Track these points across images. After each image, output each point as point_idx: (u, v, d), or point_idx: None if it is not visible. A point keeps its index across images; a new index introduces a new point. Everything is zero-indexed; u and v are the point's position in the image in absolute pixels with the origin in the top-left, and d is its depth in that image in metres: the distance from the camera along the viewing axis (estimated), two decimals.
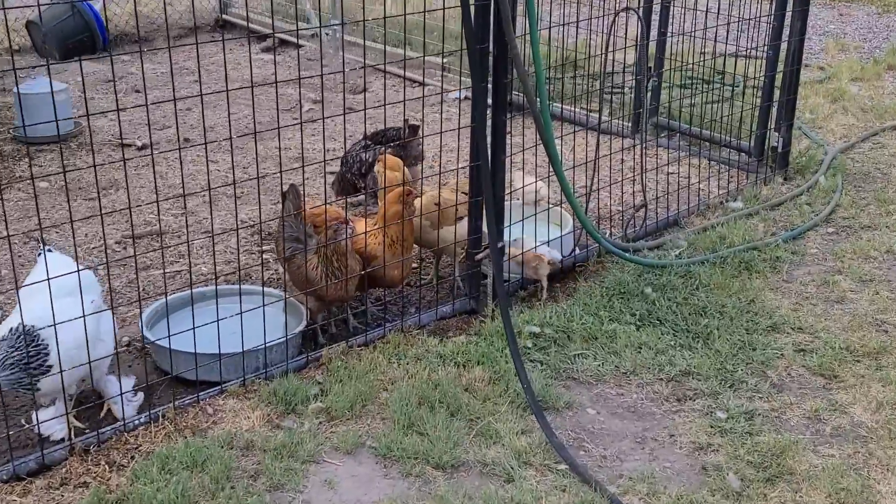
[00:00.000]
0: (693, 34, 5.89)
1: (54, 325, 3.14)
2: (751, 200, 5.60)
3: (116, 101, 3.77)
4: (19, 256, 4.97)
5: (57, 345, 3.19)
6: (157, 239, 5.23)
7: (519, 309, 4.31)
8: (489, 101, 4.00)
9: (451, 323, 4.28)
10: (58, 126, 5.78)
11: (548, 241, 4.53)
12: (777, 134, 6.00)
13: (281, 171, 3.86)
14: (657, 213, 5.40)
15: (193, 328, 3.56)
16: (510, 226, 4.37)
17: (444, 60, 7.86)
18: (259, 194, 3.97)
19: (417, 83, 8.34)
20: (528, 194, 4.71)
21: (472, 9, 3.85)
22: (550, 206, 4.86)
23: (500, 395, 3.67)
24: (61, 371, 3.21)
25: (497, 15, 3.85)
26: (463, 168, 4.38)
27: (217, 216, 5.59)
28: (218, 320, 3.60)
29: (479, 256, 4.22)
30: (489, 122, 4.03)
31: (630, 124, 6.43)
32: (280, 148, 3.99)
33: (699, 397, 3.70)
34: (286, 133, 6.80)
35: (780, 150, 6.01)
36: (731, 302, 4.36)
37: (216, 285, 3.96)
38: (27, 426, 3.43)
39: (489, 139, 4.09)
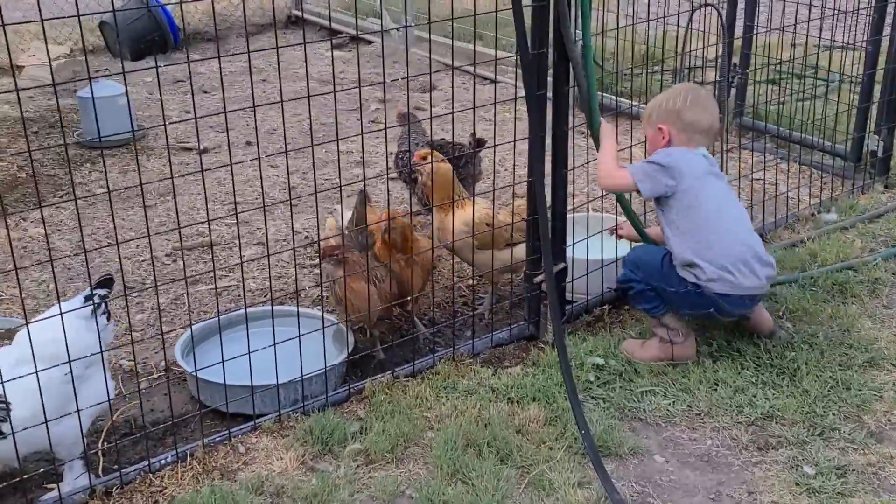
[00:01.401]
0: (782, 26, 5.40)
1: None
2: (846, 212, 5.09)
3: (163, 107, 3.54)
4: (69, 269, 4.84)
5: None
6: (207, 251, 5.04)
7: (581, 336, 3.95)
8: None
9: (508, 351, 3.95)
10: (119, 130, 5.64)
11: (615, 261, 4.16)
12: (877, 137, 5.46)
13: (340, 185, 3.58)
14: None
15: (223, 360, 3.31)
16: (573, 244, 4.02)
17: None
18: (316, 203, 3.66)
19: (489, 80, 8.00)
20: None
21: (530, 10, 3.51)
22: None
23: (556, 437, 3.32)
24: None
25: (556, 17, 3.50)
26: (521, 183, 4.03)
27: (272, 225, 5.37)
28: (249, 352, 3.34)
29: (539, 279, 3.87)
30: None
31: None
32: (338, 152, 3.71)
33: (783, 446, 3.28)
34: (349, 134, 6.55)
35: (880, 154, 5.46)
36: (822, 331, 3.90)
37: (270, 306, 3.72)
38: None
39: (549, 152, 3.75)
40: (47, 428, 2.89)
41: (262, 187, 3.66)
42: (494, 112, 4.06)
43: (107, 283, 3.20)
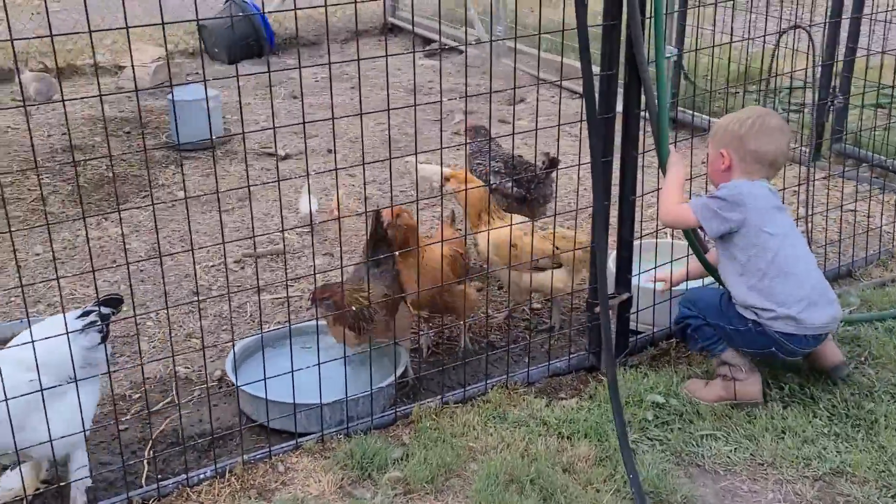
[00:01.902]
0: (883, 48, 5.07)
1: None
2: None
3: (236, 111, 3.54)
4: (141, 271, 4.92)
5: None
6: (276, 259, 5.04)
7: (643, 371, 3.77)
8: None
9: (565, 381, 3.80)
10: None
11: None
12: None
13: (417, 200, 3.51)
14: (826, 261, 4.66)
15: (265, 378, 3.27)
16: (638, 274, 3.84)
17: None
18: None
19: (577, 94, 7.83)
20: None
21: (600, 30, 3.36)
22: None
23: (605, 479, 3.16)
24: None
25: (629, 37, 3.34)
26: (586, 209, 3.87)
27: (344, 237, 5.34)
28: (293, 371, 3.29)
29: (610, 304, 3.70)
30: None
31: (807, 149, 5.64)
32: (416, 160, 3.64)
33: None
34: (431, 145, 6.49)
35: None
36: None
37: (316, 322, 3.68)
38: None
39: (617, 176, 3.60)
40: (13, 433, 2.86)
41: (338, 196, 3.53)
42: (580, 129, 3.89)
43: (113, 302, 3.14)
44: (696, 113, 6.43)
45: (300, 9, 7.34)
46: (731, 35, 4.69)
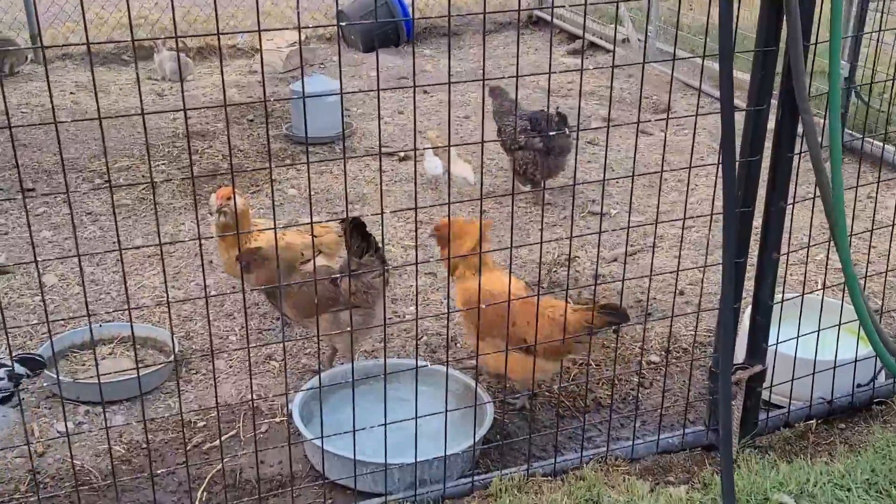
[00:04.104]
0: None
1: None
2: None
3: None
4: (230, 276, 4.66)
5: None
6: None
7: (772, 459, 3.17)
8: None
9: (676, 461, 3.25)
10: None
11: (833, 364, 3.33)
12: None
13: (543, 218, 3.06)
14: None
15: (322, 436, 2.89)
16: (776, 344, 3.24)
17: None
18: (512, 230, 3.16)
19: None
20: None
21: (752, 56, 2.78)
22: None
23: None
24: None
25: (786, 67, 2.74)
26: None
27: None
28: (355, 430, 2.89)
29: (738, 377, 3.13)
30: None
31: None
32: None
33: None
34: None
35: None
36: None
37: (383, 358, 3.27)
38: None
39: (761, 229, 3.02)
40: None
41: (449, 209, 3.08)
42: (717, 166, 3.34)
43: (32, 364, 2.77)
44: (868, 138, 5.66)
45: None
46: None
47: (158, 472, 3.20)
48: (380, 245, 3.50)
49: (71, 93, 7.59)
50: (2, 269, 4.67)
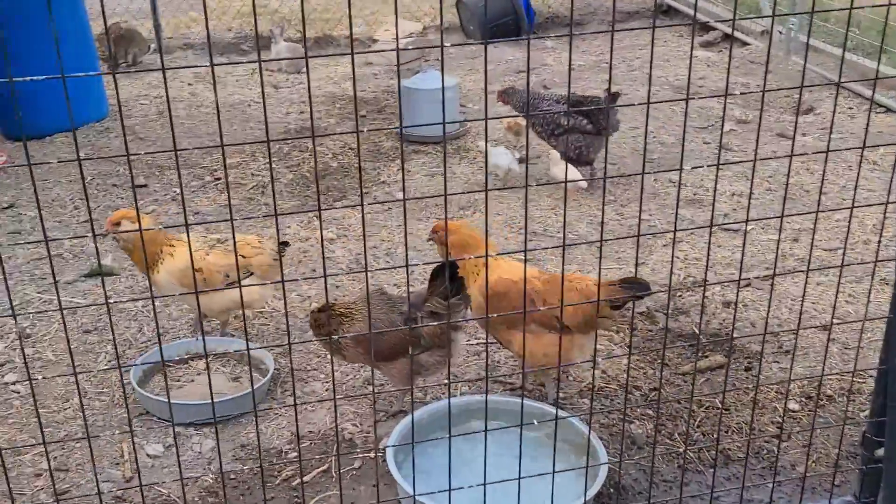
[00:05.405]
0: None
1: None
2: None
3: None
4: (337, 287, 4.45)
5: None
6: None
7: None
8: None
9: None
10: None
11: None
12: None
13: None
14: None
15: (415, 492, 2.61)
16: None
17: None
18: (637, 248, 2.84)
19: (884, 109, 6.47)
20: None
21: None
22: None
23: None
24: None
25: None
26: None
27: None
28: (451, 489, 2.59)
29: (879, 454, 2.70)
30: None
31: None
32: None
33: None
34: (692, 159, 5.54)
35: None
36: None
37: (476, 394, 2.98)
38: None
39: None
40: None
41: (565, 222, 2.84)
42: None
43: None
44: None
45: None
46: None
47: None
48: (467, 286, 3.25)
49: (189, 84, 7.57)
50: (107, 270, 4.60)
